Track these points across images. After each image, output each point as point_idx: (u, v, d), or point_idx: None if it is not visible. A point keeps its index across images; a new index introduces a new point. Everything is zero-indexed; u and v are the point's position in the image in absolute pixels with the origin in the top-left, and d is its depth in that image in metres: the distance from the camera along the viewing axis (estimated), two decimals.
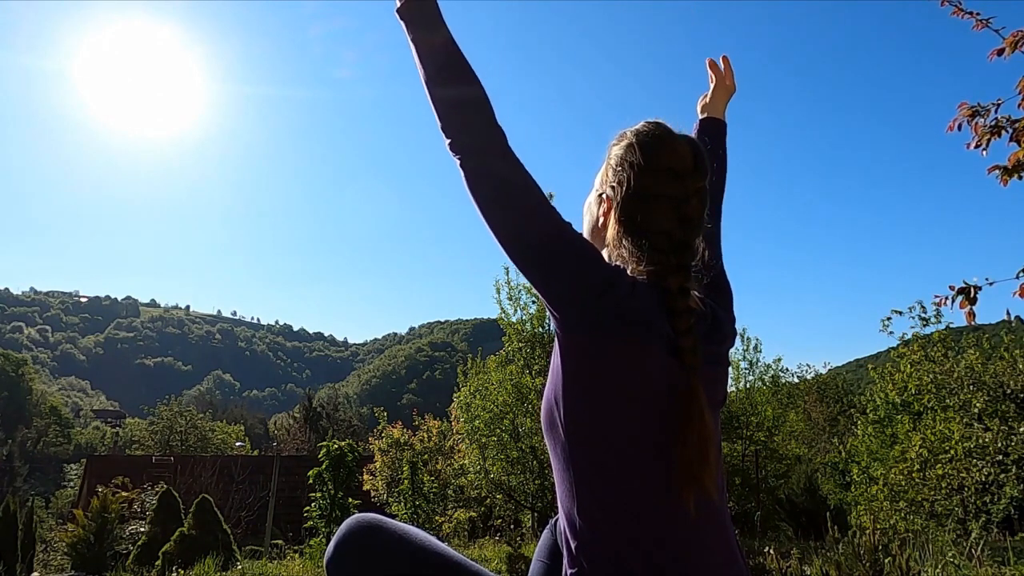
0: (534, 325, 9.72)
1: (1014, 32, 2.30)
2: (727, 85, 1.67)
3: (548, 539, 1.38)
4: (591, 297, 1.01)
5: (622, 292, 1.02)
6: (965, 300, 2.41)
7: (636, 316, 1.01)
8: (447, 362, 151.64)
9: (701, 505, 1.01)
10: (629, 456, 1.00)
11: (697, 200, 1.13)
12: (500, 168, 1.07)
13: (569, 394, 1.02)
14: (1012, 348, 9.68)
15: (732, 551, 1.06)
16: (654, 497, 1.00)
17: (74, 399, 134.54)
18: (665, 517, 0.99)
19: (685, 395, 1.00)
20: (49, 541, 13.13)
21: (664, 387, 1.01)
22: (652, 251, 1.10)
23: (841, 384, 24.49)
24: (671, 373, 1.01)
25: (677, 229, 1.10)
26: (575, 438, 1.02)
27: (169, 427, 31.37)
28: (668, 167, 1.12)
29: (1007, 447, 8.42)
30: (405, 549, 1.08)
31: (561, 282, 1.03)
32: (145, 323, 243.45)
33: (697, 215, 1.13)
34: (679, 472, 0.99)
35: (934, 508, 9.07)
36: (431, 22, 1.14)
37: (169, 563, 7.87)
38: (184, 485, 14.65)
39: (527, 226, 1.06)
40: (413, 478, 12.06)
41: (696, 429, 0.99)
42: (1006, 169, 2.35)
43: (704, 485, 0.99)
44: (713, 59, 1.69)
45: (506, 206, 1.07)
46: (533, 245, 1.05)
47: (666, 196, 1.11)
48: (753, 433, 12.72)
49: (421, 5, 1.14)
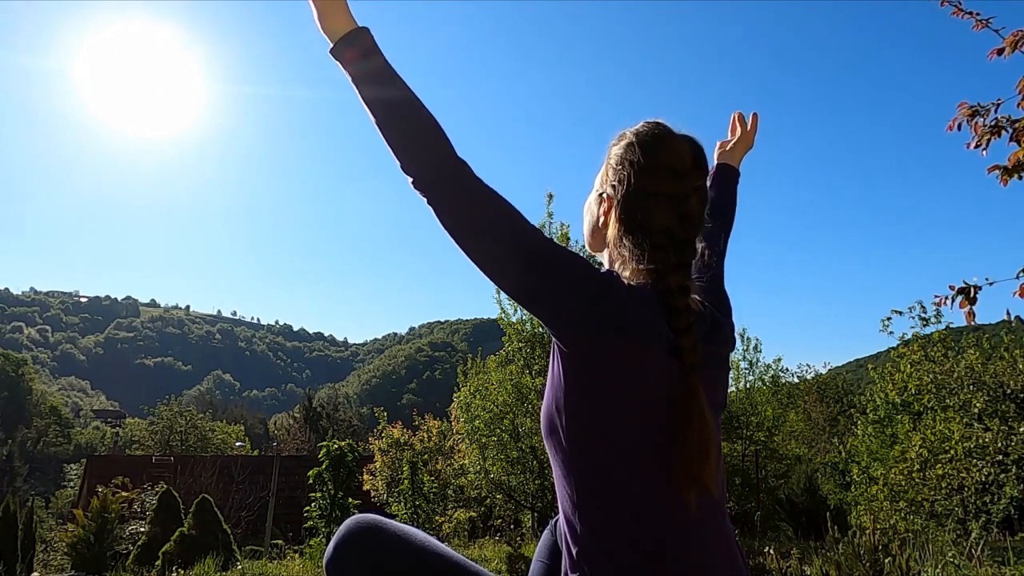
0: (534, 325, 9.71)
1: (1014, 32, 2.30)
2: (749, 141, 1.72)
3: (548, 540, 1.38)
4: (587, 306, 1.00)
5: (619, 296, 1.01)
6: (965, 300, 2.41)
7: (635, 317, 1.01)
8: (447, 362, 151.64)
9: (702, 505, 1.00)
10: (630, 457, 1.00)
11: (697, 198, 1.13)
12: (466, 199, 1.04)
13: (570, 399, 1.02)
14: (1012, 348, 9.68)
15: (732, 551, 1.06)
16: (655, 497, 0.99)
17: (74, 399, 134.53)
18: (666, 517, 0.99)
19: (685, 395, 1.00)
20: (49, 541, 13.13)
21: (665, 387, 1.00)
22: (653, 249, 1.10)
23: (841, 384, 24.48)
24: (671, 373, 1.01)
25: (678, 227, 1.11)
26: (576, 441, 1.02)
27: (169, 427, 31.36)
28: (668, 165, 1.13)
29: (1007, 447, 8.42)
30: (404, 550, 1.08)
31: (553, 300, 1.02)
32: (145, 323, 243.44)
33: (697, 213, 1.13)
34: (680, 472, 0.98)
35: (934, 508, 9.07)
36: (379, 76, 1.08)
37: (169, 563, 7.86)
38: (184, 485, 14.65)
39: (505, 254, 1.03)
40: (413, 478, 12.06)
41: (696, 428, 0.99)
42: (1006, 169, 2.35)
43: (705, 484, 0.99)
44: (742, 113, 1.73)
45: (478, 235, 1.04)
46: (518, 272, 1.03)
47: (666, 194, 1.11)
48: (753, 433, 12.72)
49: (367, 59, 1.09)
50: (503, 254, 1.03)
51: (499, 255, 1.03)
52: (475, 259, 1.05)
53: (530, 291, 1.04)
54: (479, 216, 1.04)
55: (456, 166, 1.06)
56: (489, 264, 1.04)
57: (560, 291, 1.01)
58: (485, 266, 1.05)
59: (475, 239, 1.04)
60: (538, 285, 1.02)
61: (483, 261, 1.05)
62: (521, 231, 1.03)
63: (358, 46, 1.09)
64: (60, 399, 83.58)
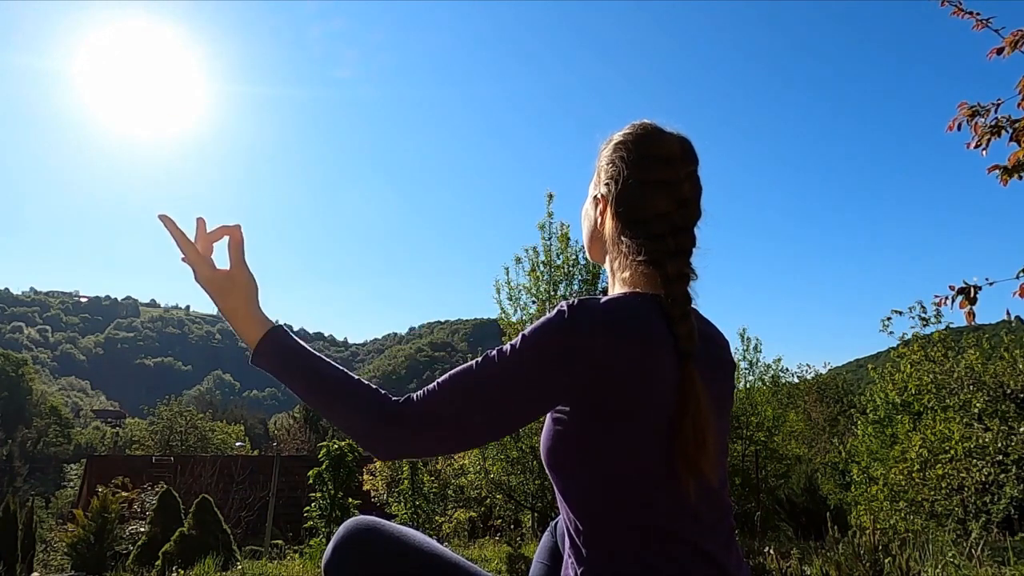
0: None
1: (1014, 32, 2.30)
2: None
3: (548, 541, 1.38)
4: (569, 381, 0.98)
5: (582, 331, 0.98)
6: (965, 300, 2.41)
7: (607, 339, 0.98)
8: (447, 362, 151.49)
9: (701, 494, 0.99)
10: (630, 457, 0.99)
11: (690, 184, 1.14)
12: (431, 436, 1.02)
13: (572, 425, 1.01)
14: (1012, 348, 9.68)
15: (731, 542, 1.06)
16: (654, 491, 0.99)
17: (74, 399, 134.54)
18: (666, 515, 0.98)
19: (682, 383, 0.99)
20: (49, 541, 13.15)
21: (665, 385, 1.00)
22: (651, 239, 1.09)
23: (841, 384, 24.48)
24: (672, 370, 1.00)
25: (675, 212, 1.11)
26: (579, 458, 1.01)
27: (169, 427, 31.40)
28: (658, 155, 1.13)
29: (1007, 447, 8.42)
30: (403, 552, 1.08)
31: (555, 402, 1.01)
32: (145, 323, 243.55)
33: (693, 197, 1.14)
34: (677, 459, 0.97)
35: (934, 508, 9.08)
36: (297, 378, 1.08)
37: (169, 563, 7.86)
38: (184, 485, 14.68)
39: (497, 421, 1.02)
40: (413, 478, 12.07)
41: (692, 415, 0.97)
42: (1006, 169, 2.35)
43: (703, 472, 0.97)
44: None
45: (473, 436, 1.04)
46: (517, 420, 1.03)
47: (660, 181, 1.12)
48: (753, 433, 12.72)
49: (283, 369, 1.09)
50: (497, 425, 1.03)
51: (499, 428, 1.04)
52: (495, 439, 1.09)
53: (538, 415, 1.03)
54: (452, 432, 1.01)
55: (399, 419, 1.01)
56: (504, 431, 1.05)
57: (548, 396, 1.00)
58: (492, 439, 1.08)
59: (476, 438, 1.05)
60: (535, 411, 1.02)
61: (498, 436, 1.06)
62: (487, 404, 1.00)
63: (268, 357, 1.11)
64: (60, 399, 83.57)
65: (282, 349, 1.11)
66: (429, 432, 1.01)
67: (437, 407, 1.01)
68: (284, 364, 1.10)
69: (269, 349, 1.12)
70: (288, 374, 1.09)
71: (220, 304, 1.16)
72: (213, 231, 1.19)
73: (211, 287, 1.17)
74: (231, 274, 1.17)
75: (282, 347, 1.11)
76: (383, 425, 1.01)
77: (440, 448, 1.04)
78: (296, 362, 1.09)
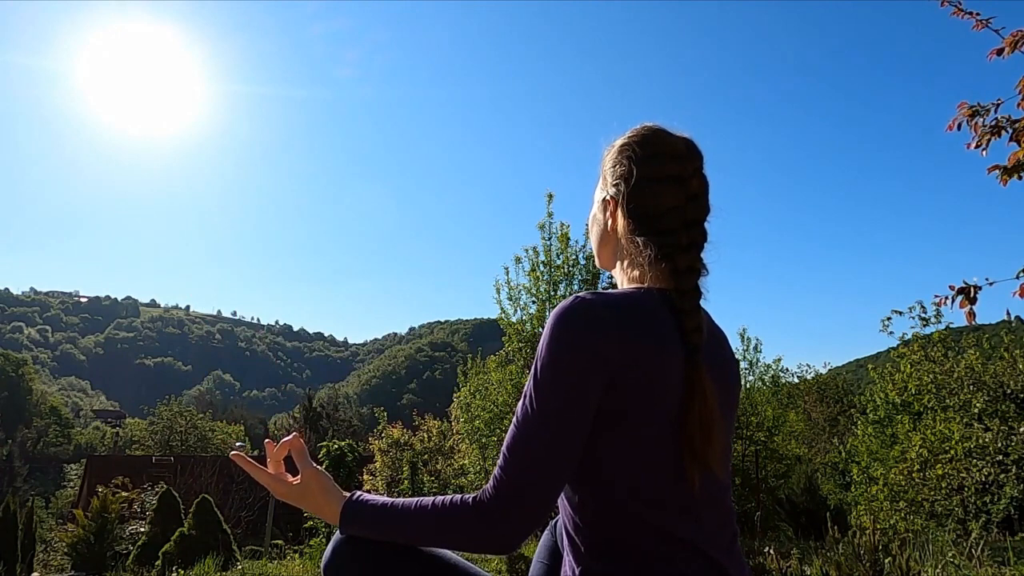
0: (534, 325, 9.72)
1: (1014, 32, 2.30)
2: None
3: (548, 540, 1.38)
4: (600, 381, 0.98)
5: (594, 326, 0.98)
6: (965, 300, 2.41)
7: (638, 325, 1.00)
8: (447, 362, 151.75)
9: (706, 487, 0.99)
10: (631, 456, 0.99)
11: (698, 179, 1.14)
12: (534, 512, 1.01)
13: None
14: (1012, 348, 9.69)
15: (732, 543, 1.06)
16: (655, 491, 0.99)
17: (74, 399, 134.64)
18: (667, 515, 0.98)
19: (688, 377, 0.99)
20: (49, 541, 13.16)
21: (671, 383, 1.00)
22: (661, 235, 1.10)
23: (841, 384, 24.46)
24: (678, 366, 1.00)
25: (686, 206, 1.11)
26: (583, 467, 1.01)
27: (169, 427, 31.42)
28: (665, 152, 1.14)
29: (1007, 447, 8.42)
30: (403, 551, 1.08)
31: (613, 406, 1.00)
32: (145, 323, 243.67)
33: (701, 192, 1.14)
34: (683, 450, 0.97)
35: (934, 508, 9.08)
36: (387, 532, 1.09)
37: (169, 563, 7.87)
38: (184, 485, 14.68)
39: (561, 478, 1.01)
40: (413, 478, 12.07)
41: (698, 407, 0.97)
42: (1006, 169, 2.35)
43: (709, 465, 0.98)
44: None
45: (560, 486, 1.02)
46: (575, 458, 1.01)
47: (669, 176, 1.12)
48: (753, 433, 12.72)
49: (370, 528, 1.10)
50: (570, 456, 1.00)
51: (573, 456, 1.00)
52: (576, 464, 1.03)
53: (593, 416, 1.01)
54: (542, 491, 1.00)
55: (490, 517, 1.01)
56: (578, 453, 1.01)
57: (591, 403, 0.98)
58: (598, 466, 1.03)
59: (562, 478, 1.01)
60: (588, 417, 0.99)
61: (576, 460, 1.02)
62: (551, 451, 0.99)
63: (354, 524, 1.12)
64: (60, 399, 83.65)
65: (359, 515, 1.12)
66: (522, 510, 0.99)
67: (513, 485, 1.00)
68: (371, 526, 1.11)
69: (352, 520, 1.12)
70: (378, 532, 1.10)
71: (304, 508, 1.22)
72: (278, 449, 1.25)
73: (290, 500, 1.22)
74: (303, 483, 1.20)
75: (359, 513, 1.12)
76: (485, 529, 1.01)
77: (544, 509, 1.01)
78: (378, 518, 1.10)
